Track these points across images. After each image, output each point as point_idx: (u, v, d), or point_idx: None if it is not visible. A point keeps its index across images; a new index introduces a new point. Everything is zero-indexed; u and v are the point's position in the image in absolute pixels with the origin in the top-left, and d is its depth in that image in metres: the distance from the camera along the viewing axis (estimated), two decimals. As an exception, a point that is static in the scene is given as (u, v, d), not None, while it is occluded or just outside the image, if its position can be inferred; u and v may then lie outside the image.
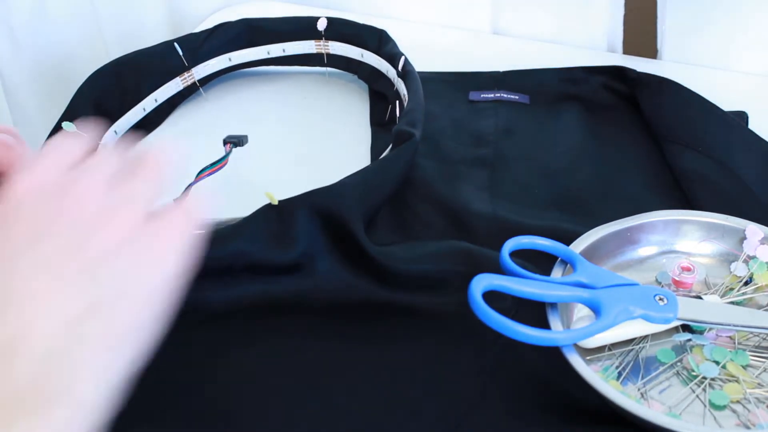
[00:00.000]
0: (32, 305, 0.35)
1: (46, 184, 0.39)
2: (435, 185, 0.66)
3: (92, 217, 0.38)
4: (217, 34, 0.80)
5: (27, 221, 0.38)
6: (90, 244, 0.37)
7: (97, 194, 0.39)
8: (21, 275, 0.36)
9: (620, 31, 0.84)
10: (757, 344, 0.53)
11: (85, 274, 0.37)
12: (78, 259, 0.37)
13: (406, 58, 0.73)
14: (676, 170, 0.66)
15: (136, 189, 0.40)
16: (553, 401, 0.50)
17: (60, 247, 0.37)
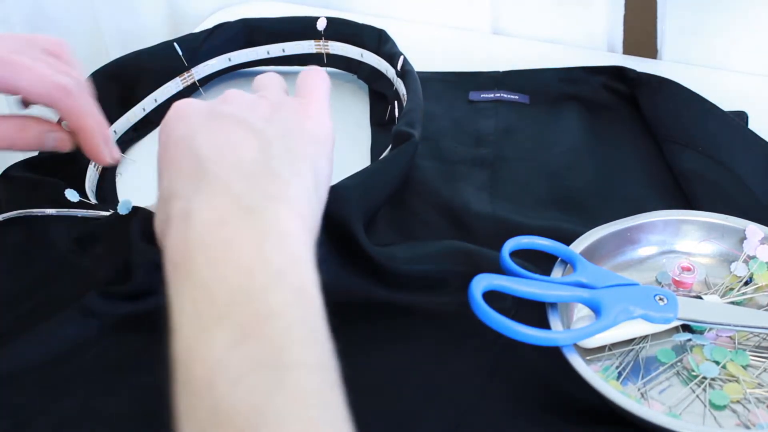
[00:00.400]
0: (218, 147, 0.45)
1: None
2: (435, 185, 0.66)
3: (246, 101, 0.50)
4: (216, 34, 0.80)
5: (196, 113, 0.48)
6: (253, 114, 0.48)
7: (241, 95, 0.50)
8: (204, 139, 0.45)
9: (620, 31, 0.84)
10: (757, 344, 0.53)
11: (255, 127, 0.46)
12: (245, 121, 0.47)
13: (404, 58, 0.72)
14: (676, 170, 0.66)
15: (268, 83, 0.54)
16: (553, 401, 0.50)
17: (227, 119, 0.47)
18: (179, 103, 0.49)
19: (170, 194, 0.44)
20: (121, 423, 0.51)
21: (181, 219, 0.42)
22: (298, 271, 0.40)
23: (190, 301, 0.39)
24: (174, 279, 0.40)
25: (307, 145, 0.48)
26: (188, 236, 0.41)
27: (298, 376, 0.36)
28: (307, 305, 0.39)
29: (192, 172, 0.44)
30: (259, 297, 0.38)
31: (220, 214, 0.41)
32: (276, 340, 0.36)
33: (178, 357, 0.38)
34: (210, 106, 0.48)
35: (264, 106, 0.49)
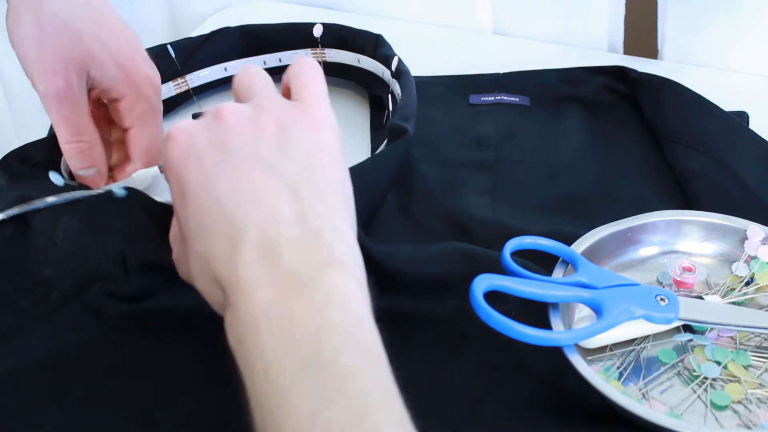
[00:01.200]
0: (245, 204, 0.43)
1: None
2: (436, 190, 0.66)
3: (248, 119, 0.47)
4: (212, 40, 0.79)
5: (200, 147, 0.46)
6: (262, 145, 0.45)
7: (237, 109, 0.47)
8: (223, 184, 0.44)
9: (621, 31, 0.84)
10: (758, 344, 0.53)
11: (272, 164, 0.44)
12: (259, 156, 0.44)
13: (399, 59, 0.72)
14: (677, 170, 0.66)
15: (261, 89, 0.50)
16: (554, 401, 0.50)
17: (237, 155, 0.45)
18: (174, 132, 0.47)
19: (209, 257, 0.43)
20: (122, 423, 0.51)
21: (237, 293, 0.41)
22: (363, 332, 0.40)
23: (262, 375, 0.39)
24: (240, 354, 0.41)
25: (331, 171, 0.46)
26: (249, 313, 0.40)
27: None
28: (377, 363, 0.40)
29: (230, 236, 0.42)
30: (331, 361, 0.38)
31: (278, 291, 0.40)
32: (357, 402, 0.37)
33: (263, 426, 0.39)
34: (213, 139, 0.46)
35: (268, 127, 0.46)
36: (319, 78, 0.50)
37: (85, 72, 0.61)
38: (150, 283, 0.57)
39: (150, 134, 0.65)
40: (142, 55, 0.65)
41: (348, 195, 0.47)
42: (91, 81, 0.62)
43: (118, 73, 0.62)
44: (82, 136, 0.62)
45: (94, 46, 0.61)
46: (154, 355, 0.55)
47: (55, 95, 0.60)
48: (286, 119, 0.47)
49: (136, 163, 0.65)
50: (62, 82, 0.60)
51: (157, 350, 0.55)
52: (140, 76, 0.64)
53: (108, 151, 0.66)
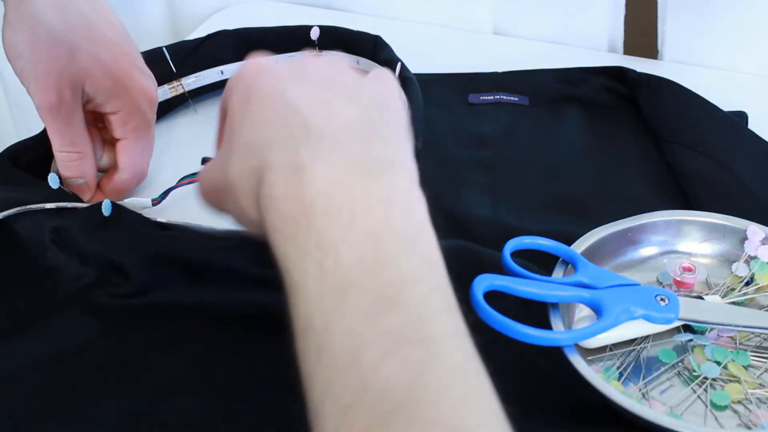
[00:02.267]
0: (321, 111, 0.42)
1: None
2: (436, 189, 0.66)
3: (330, 62, 0.47)
4: (207, 44, 0.78)
5: (281, 70, 0.45)
6: (339, 78, 0.45)
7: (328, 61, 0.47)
8: (298, 97, 0.43)
9: (621, 31, 0.84)
10: (758, 344, 0.53)
11: (349, 92, 0.43)
12: (336, 86, 0.44)
13: (402, 64, 0.72)
14: (677, 170, 0.66)
15: None
16: (554, 401, 0.50)
17: (316, 80, 0.44)
18: (254, 59, 0.46)
19: (266, 144, 0.41)
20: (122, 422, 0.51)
21: (292, 171, 0.39)
22: (424, 240, 0.39)
23: (315, 263, 0.37)
24: (289, 234, 0.38)
25: (398, 118, 0.45)
26: (306, 192, 0.38)
27: (445, 348, 0.35)
28: (436, 273, 0.38)
29: (294, 127, 0.41)
30: (392, 264, 0.37)
31: (340, 175, 0.39)
32: (417, 311, 0.36)
33: (310, 323, 0.36)
34: (291, 64, 0.45)
35: (349, 74, 0.46)
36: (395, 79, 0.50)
37: (80, 87, 0.62)
38: (149, 281, 0.57)
39: (141, 147, 0.66)
40: (139, 69, 0.65)
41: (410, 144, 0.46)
42: (86, 95, 0.62)
43: (112, 88, 0.63)
44: (74, 147, 0.63)
45: (88, 62, 0.62)
46: (154, 355, 0.55)
47: (49, 109, 0.61)
48: (365, 79, 0.46)
49: (123, 174, 0.66)
50: (56, 97, 0.61)
51: (157, 349, 0.55)
52: (135, 91, 0.64)
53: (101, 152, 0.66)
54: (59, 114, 0.62)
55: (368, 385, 0.34)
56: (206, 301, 0.57)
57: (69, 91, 0.61)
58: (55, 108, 0.61)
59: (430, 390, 0.34)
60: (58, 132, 0.62)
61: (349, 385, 0.34)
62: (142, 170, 0.67)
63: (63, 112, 0.62)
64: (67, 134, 0.63)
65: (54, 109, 0.61)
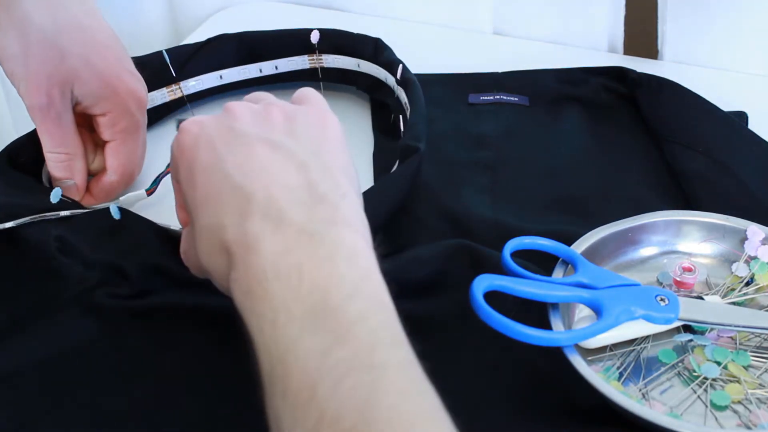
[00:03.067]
0: (257, 177, 0.44)
1: None
2: (436, 189, 0.66)
3: (255, 112, 0.49)
4: (207, 49, 0.77)
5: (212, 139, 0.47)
6: (270, 130, 0.47)
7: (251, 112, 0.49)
8: (230, 166, 0.45)
9: (621, 31, 0.84)
10: (758, 345, 0.53)
11: (282, 147, 0.46)
12: (270, 139, 0.46)
13: (404, 66, 0.72)
14: (677, 171, 0.66)
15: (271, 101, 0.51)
16: (554, 402, 0.50)
17: (245, 139, 0.46)
18: (186, 124, 0.49)
19: (218, 227, 0.44)
20: (123, 422, 0.51)
21: (244, 250, 0.42)
22: (371, 284, 0.41)
23: (269, 323, 0.40)
24: (248, 305, 0.41)
25: (336, 155, 0.48)
26: (257, 265, 0.41)
27: (393, 372, 0.38)
28: (385, 310, 0.41)
29: (238, 203, 0.44)
30: (340, 308, 0.39)
31: (286, 243, 0.42)
32: (365, 343, 0.38)
33: (272, 373, 0.39)
34: (223, 125, 0.48)
35: (277, 117, 0.48)
36: (317, 92, 0.53)
37: (69, 89, 0.62)
38: (151, 284, 0.57)
39: (129, 149, 0.66)
40: (128, 71, 0.65)
41: (353, 177, 0.48)
42: (75, 98, 0.63)
43: (102, 90, 0.63)
44: (63, 148, 0.64)
45: (78, 64, 0.62)
46: (155, 355, 0.55)
47: (39, 110, 0.62)
48: (293, 112, 0.49)
49: (111, 176, 0.66)
50: (45, 98, 0.61)
51: (158, 349, 0.55)
52: (125, 93, 0.64)
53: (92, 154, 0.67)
54: (49, 115, 0.62)
55: (325, 414, 0.36)
56: (207, 303, 0.57)
57: (58, 92, 0.61)
58: (45, 109, 0.62)
59: (380, 410, 0.36)
60: (48, 133, 0.63)
61: (310, 417, 0.36)
62: (131, 172, 0.67)
63: (53, 113, 0.62)
64: (57, 135, 0.63)
65: (44, 110, 0.62)
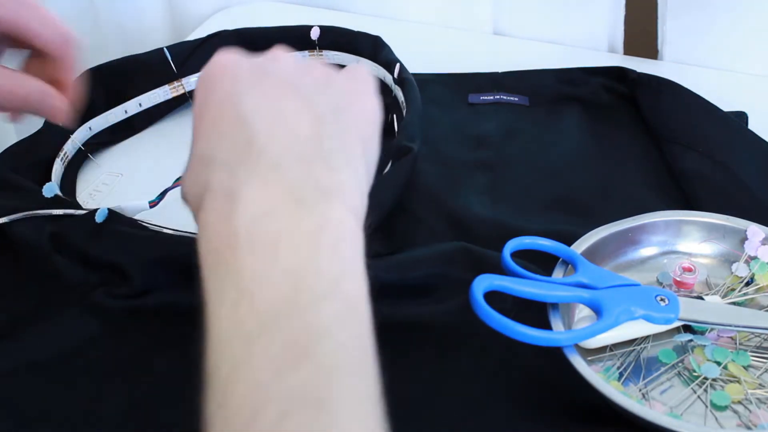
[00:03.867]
0: (269, 120, 0.41)
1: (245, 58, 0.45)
2: (436, 190, 0.66)
3: (299, 65, 0.45)
4: (208, 45, 0.78)
5: (244, 72, 0.43)
6: (305, 80, 0.44)
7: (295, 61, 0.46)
8: (252, 104, 0.41)
9: (621, 31, 0.84)
10: (758, 345, 0.53)
11: (308, 98, 0.42)
12: (297, 89, 0.43)
13: (401, 65, 0.72)
14: (677, 171, 0.66)
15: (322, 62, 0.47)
16: (554, 402, 0.50)
17: (278, 80, 0.43)
18: (222, 54, 0.45)
19: (210, 159, 0.40)
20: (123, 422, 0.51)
21: (224, 196, 0.38)
22: (350, 281, 0.37)
23: (231, 303, 0.35)
24: (212, 268, 0.37)
25: (359, 122, 0.44)
26: (232, 221, 0.37)
27: (343, 415, 0.33)
28: (357, 321, 0.36)
29: (239, 142, 0.40)
30: (309, 310, 0.35)
31: (271, 203, 0.37)
32: (323, 368, 0.34)
33: (215, 372, 0.35)
34: (258, 62, 0.44)
35: (318, 71, 0.45)
36: (372, 76, 0.49)
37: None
38: (150, 284, 0.57)
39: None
40: None
41: (371, 152, 0.45)
42: None
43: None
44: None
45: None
46: (155, 355, 0.55)
47: None
48: (336, 76, 0.46)
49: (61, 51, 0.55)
50: None
51: (158, 349, 0.55)
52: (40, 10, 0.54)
53: None
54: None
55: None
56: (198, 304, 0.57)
57: None
58: None
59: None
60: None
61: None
62: (61, 33, 0.54)
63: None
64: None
65: None
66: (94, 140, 0.74)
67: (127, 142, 0.76)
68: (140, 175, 0.72)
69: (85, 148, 0.73)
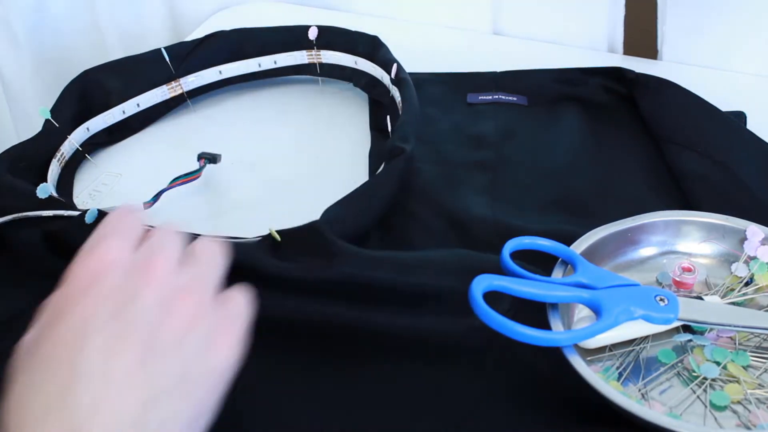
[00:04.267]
0: (100, 392, 0.37)
1: (118, 261, 0.41)
2: (435, 190, 0.66)
3: (166, 297, 0.40)
4: (206, 45, 0.78)
5: (103, 298, 0.39)
6: (163, 327, 0.39)
7: (170, 274, 0.41)
8: (92, 358, 0.37)
9: (620, 31, 0.84)
10: (757, 345, 0.53)
11: (155, 363, 0.38)
12: (149, 345, 0.39)
13: (398, 65, 0.72)
14: (676, 171, 0.66)
15: (203, 271, 0.43)
16: (553, 402, 0.50)
17: (134, 328, 0.39)
18: (104, 248, 0.42)
19: (31, 389, 0.38)
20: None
21: None
22: None
23: None
24: None
25: (200, 386, 0.40)
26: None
27: None
28: None
29: (57, 402, 0.37)
30: None
31: None
32: None
33: None
34: (124, 287, 0.40)
35: (185, 309, 0.41)
36: (246, 307, 0.45)
37: None
38: None
39: None
40: None
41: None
42: None
43: None
44: None
45: None
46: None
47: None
48: (205, 312, 0.42)
49: None
50: None
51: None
52: None
53: None
54: None
55: None
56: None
57: None
58: None
59: None
60: None
61: None
62: None
63: None
64: None
65: None
66: (92, 141, 0.74)
67: (125, 142, 0.76)
68: (139, 175, 0.72)
69: (83, 149, 0.73)
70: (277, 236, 0.57)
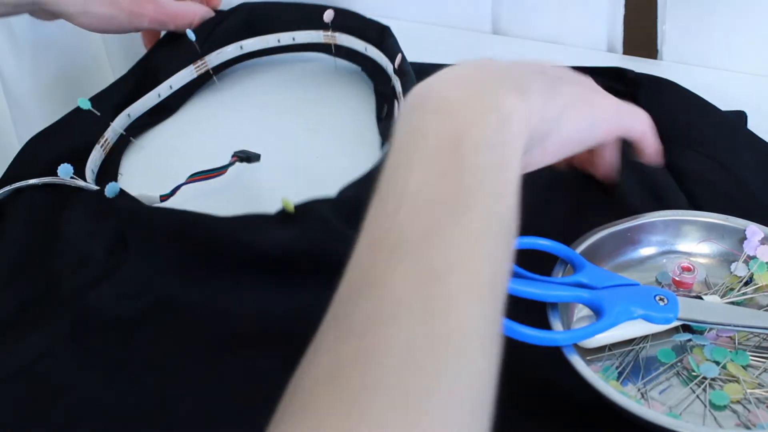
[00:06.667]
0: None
1: None
2: None
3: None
4: (227, 20, 0.81)
5: None
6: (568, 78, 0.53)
7: None
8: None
9: (620, 31, 0.84)
10: (757, 344, 0.53)
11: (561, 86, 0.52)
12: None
13: (403, 56, 0.72)
14: (676, 170, 0.66)
15: None
16: (553, 401, 0.50)
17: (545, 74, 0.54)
18: None
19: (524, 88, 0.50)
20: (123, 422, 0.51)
21: (496, 111, 0.46)
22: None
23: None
24: (417, 111, 0.46)
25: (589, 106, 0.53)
26: None
27: (474, 216, 0.39)
28: (504, 176, 0.43)
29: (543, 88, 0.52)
30: (467, 154, 0.41)
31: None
32: (467, 182, 0.40)
33: (379, 185, 0.41)
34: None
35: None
36: None
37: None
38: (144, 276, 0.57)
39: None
40: None
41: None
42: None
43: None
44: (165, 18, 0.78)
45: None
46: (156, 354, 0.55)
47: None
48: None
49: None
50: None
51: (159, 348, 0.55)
52: None
53: None
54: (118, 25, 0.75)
55: (393, 230, 0.38)
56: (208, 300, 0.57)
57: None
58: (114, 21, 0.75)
59: (443, 244, 0.37)
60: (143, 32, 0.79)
61: (382, 230, 0.39)
62: None
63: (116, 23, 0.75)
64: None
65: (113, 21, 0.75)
66: (134, 123, 0.77)
67: (164, 123, 0.79)
68: (158, 180, 0.73)
69: (127, 133, 0.75)
70: (291, 207, 0.57)
